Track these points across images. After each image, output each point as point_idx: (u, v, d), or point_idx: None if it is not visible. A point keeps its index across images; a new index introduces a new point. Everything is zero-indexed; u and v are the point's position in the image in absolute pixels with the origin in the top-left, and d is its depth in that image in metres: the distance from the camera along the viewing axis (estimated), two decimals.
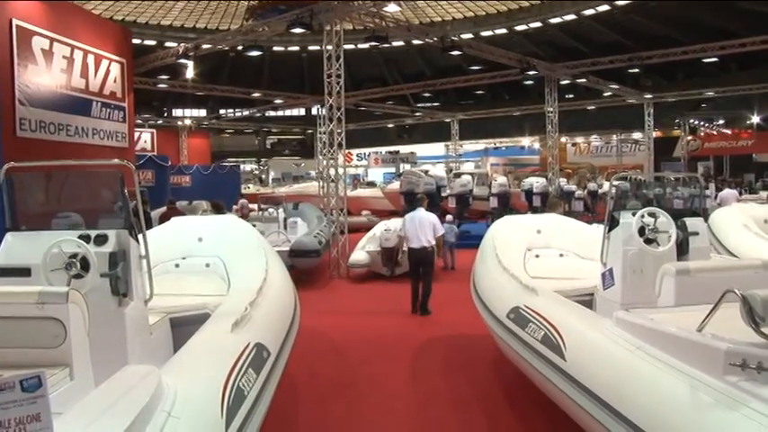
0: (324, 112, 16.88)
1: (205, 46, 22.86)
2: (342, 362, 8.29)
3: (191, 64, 24.60)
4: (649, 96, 35.26)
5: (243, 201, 19.92)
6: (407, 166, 39.38)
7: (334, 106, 15.60)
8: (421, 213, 10.78)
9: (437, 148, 49.75)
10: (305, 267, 13.67)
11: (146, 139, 33.46)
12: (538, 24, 39.26)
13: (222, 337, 4.47)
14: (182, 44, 24.30)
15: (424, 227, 10.53)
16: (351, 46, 32.21)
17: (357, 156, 53.85)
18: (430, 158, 47.69)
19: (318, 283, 14.31)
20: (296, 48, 44.04)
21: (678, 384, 3.50)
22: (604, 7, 35.98)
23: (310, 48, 41.45)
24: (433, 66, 45.32)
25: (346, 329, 9.88)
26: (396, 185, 27.60)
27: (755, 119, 42.55)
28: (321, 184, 17.83)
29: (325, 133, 16.33)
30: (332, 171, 16.18)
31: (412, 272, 11.04)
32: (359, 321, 10.57)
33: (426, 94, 49.28)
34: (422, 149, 50.69)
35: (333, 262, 15.09)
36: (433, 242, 10.57)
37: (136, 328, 4.59)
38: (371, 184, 37.44)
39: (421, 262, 10.66)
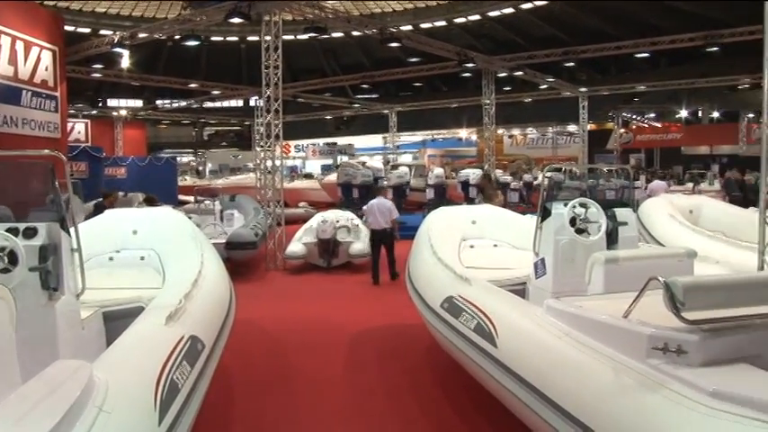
0: (262, 104, 16.72)
1: (141, 35, 22.36)
2: (277, 353, 8.25)
3: (126, 53, 24.00)
4: (584, 90, 35.90)
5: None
6: (345, 158, 39.47)
7: (272, 97, 15.45)
8: (381, 201, 12.75)
9: (375, 140, 49.59)
10: (241, 259, 13.60)
11: (79, 129, 32.67)
12: (477, 17, 39.58)
13: (156, 331, 4.42)
14: (117, 32, 23.72)
15: (383, 212, 12.43)
16: (290, 37, 31.94)
17: (295, 147, 53.68)
18: (368, 150, 47.76)
19: (255, 275, 14.22)
20: (235, 38, 43.44)
21: (604, 369, 3.62)
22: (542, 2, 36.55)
23: (249, 38, 40.95)
24: (372, 57, 45.26)
25: (282, 321, 9.87)
26: (333, 177, 27.60)
27: (684, 113, 44.11)
28: (258, 175, 17.58)
29: (262, 125, 16.17)
30: (269, 163, 16.06)
31: (373, 250, 12.80)
32: (295, 313, 10.54)
33: (365, 86, 49.21)
34: (360, 141, 50.78)
35: (269, 254, 14.99)
36: (390, 224, 12.39)
37: (67, 323, 4.48)
38: (309, 176, 37.27)
39: (383, 240, 12.55)
